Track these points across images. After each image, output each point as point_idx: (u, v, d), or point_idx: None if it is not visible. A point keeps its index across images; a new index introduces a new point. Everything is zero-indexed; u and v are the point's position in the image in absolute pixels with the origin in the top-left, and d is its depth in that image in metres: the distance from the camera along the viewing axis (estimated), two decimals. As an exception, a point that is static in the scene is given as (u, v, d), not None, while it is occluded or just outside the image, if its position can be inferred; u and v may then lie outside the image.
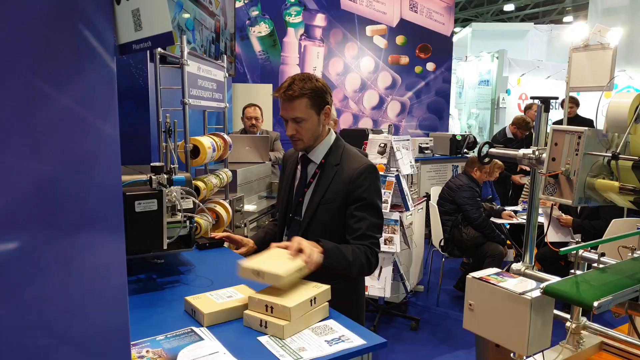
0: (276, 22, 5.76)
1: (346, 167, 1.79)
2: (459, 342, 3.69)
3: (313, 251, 1.51)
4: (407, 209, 3.91)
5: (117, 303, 0.92)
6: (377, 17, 6.43)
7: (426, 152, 6.41)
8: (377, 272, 3.96)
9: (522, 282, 2.72)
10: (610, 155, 2.19)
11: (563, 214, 4.17)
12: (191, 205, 1.82)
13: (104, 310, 0.90)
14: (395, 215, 3.89)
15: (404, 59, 6.70)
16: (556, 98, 2.76)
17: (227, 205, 3.03)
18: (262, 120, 4.38)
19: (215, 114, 4.35)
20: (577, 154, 2.28)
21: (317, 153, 1.85)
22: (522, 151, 2.77)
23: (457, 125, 11.01)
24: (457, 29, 13.27)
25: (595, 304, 2.14)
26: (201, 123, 3.14)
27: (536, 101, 2.84)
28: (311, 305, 1.37)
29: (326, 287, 1.44)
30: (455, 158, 6.44)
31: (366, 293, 3.89)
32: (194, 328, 1.34)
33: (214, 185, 2.78)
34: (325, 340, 1.26)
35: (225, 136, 3.04)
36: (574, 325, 2.48)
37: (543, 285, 2.39)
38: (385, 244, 3.89)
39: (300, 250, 1.49)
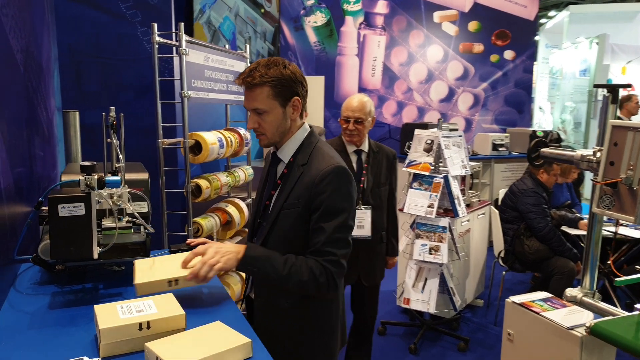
0: (333, 11, 5.46)
1: (312, 169, 1.54)
2: (511, 370, 3.19)
3: (225, 257, 1.45)
4: (457, 215, 3.46)
5: None
6: (446, 1, 5.87)
7: (500, 149, 5.79)
8: (420, 283, 3.57)
9: (575, 314, 2.22)
10: (687, 159, 1.67)
11: None
12: (146, 209, 1.64)
13: None
14: (444, 222, 3.45)
15: (478, 47, 6.07)
16: (629, 86, 2.21)
17: (242, 204, 2.84)
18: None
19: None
20: (642, 157, 1.77)
21: (285, 151, 1.62)
22: (580, 152, 2.26)
23: (549, 120, 9.96)
24: (552, 13, 12.03)
25: (657, 356, 1.65)
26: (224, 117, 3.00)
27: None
28: None
29: (246, 341, 1.17)
30: (535, 157, 5.74)
31: (408, 306, 3.52)
32: (86, 359, 1.13)
33: (222, 183, 2.59)
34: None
35: (242, 131, 2.84)
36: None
37: (591, 322, 1.90)
38: (430, 253, 3.48)
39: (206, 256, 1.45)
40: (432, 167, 3.43)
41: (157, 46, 2.27)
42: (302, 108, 1.59)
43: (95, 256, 1.42)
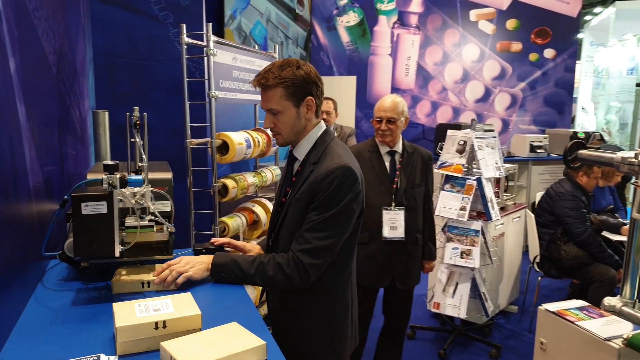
0: (366, 11, 5.41)
1: (320, 167, 1.57)
2: (546, 381, 3.07)
3: (195, 267, 1.56)
4: (490, 219, 3.36)
5: None
6: (483, -1, 5.75)
7: (539, 151, 5.60)
8: (451, 288, 3.48)
9: (613, 324, 2.11)
10: None
11: None
12: (169, 209, 1.65)
13: None
14: (476, 225, 3.36)
15: (516, 46, 5.89)
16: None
17: (269, 205, 2.84)
18: (335, 115, 4.11)
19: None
20: (687, 160, 1.66)
21: (300, 149, 1.66)
22: (620, 154, 2.14)
23: (592, 121, 9.57)
24: (597, 10, 11.56)
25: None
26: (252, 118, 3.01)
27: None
28: None
29: (260, 343, 1.15)
30: (575, 159, 5.51)
31: (438, 311, 3.44)
32: (103, 356, 1.14)
33: (249, 183, 2.60)
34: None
35: (270, 132, 2.84)
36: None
37: (629, 333, 1.80)
38: (462, 257, 3.39)
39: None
40: (465, 169, 3.34)
41: (185, 47, 2.30)
42: (316, 107, 1.62)
43: (117, 254, 1.43)
